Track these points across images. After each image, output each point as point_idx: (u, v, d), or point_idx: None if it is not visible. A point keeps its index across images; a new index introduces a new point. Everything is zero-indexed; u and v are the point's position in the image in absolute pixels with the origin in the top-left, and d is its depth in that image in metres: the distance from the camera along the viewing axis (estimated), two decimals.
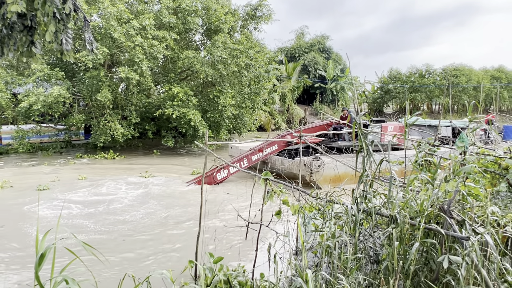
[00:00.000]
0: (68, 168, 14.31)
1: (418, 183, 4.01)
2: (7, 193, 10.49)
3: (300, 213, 3.87)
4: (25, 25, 3.09)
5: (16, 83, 16.51)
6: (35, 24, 3.10)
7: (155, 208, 9.17)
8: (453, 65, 46.43)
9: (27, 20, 3.05)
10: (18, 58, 3.35)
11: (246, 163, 11.86)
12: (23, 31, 3.09)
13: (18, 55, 3.23)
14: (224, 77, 18.21)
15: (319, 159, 10.90)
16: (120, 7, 15.82)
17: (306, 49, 42.44)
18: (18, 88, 16.85)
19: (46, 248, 1.76)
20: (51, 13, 2.93)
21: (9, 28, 2.99)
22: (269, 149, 12.43)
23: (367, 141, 3.50)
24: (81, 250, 2.43)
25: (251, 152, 12.09)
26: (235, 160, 11.86)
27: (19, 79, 16.52)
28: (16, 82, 16.47)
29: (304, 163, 10.99)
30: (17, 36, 3.08)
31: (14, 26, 3.02)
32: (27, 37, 3.13)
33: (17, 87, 16.73)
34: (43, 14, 2.97)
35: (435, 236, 3.07)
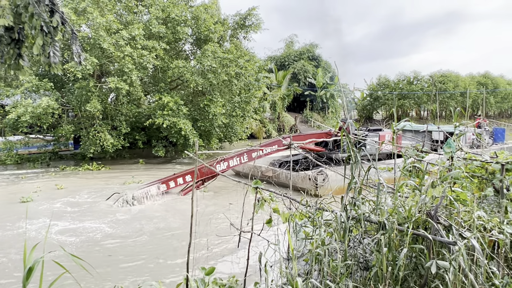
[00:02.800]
0: (52, 180, 14.13)
1: (407, 189, 4.05)
2: None
3: (290, 221, 3.88)
4: (13, 38, 3.08)
5: (4, 95, 16.35)
6: (23, 37, 3.10)
7: (141, 219, 9.10)
8: (440, 72, 47.16)
9: (15, 33, 3.05)
10: (6, 70, 3.34)
11: (246, 158, 11.83)
12: (11, 44, 3.09)
13: (5, 67, 3.23)
14: (214, 86, 18.26)
15: (323, 173, 10.98)
16: (109, 18, 15.83)
17: (296, 58, 42.76)
18: (5, 99, 16.68)
19: (34, 262, 1.75)
20: (38, 26, 2.94)
21: None
22: (269, 148, 12.45)
23: (355, 149, 3.54)
24: (69, 264, 2.42)
25: (252, 149, 12.12)
26: (235, 155, 11.85)
27: (7, 90, 16.37)
28: (4, 93, 16.31)
29: (308, 177, 11.09)
30: (4, 49, 3.07)
31: (1, 39, 3.02)
32: (14, 50, 3.12)
33: (4, 98, 16.56)
34: (30, 27, 2.97)
35: (423, 241, 3.10)
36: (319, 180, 10.97)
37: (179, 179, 11.10)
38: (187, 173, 11.34)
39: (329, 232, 3.63)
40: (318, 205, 3.96)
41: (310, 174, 11.15)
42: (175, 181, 11.08)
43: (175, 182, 11.08)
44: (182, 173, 11.34)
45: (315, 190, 10.87)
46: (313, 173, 11.09)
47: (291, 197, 4.63)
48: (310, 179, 11.06)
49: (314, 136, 13.95)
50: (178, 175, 11.24)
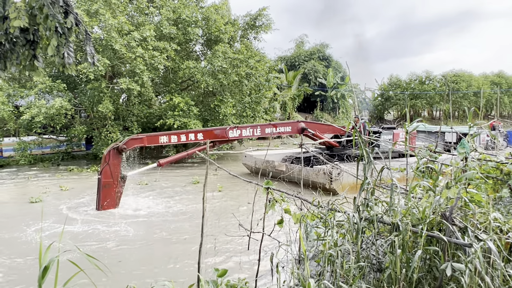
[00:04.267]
0: (60, 181, 14.28)
1: (420, 190, 4.00)
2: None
3: (302, 222, 3.86)
4: (28, 39, 3.13)
5: (18, 96, 16.61)
6: (38, 38, 3.15)
7: (152, 218, 9.16)
8: (453, 71, 46.58)
9: (30, 34, 3.10)
10: (21, 71, 3.39)
11: (258, 131, 11.82)
12: (26, 45, 3.14)
13: (20, 69, 3.27)
14: (224, 87, 18.30)
15: (338, 167, 10.99)
16: (121, 19, 15.97)
17: (306, 58, 42.64)
18: (20, 100, 16.95)
19: (49, 261, 1.77)
20: (53, 27, 2.98)
21: (12, 43, 3.03)
22: (283, 128, 12.42)
23: (368, 149, 3.50)
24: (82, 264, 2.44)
25: (266, 124, 12.12)
26: (249, 126, 11.87)
27: (21, 91, 16.63)
28: (18, 94, 16.57)
29: (323, 171, 11.09)
30: (19, 51, 3.12)
31: (16, 40, 3.07)
32: (29, 51, 3.17)
33: (19, 99, 16.83)
34: (45, 28, 3.01)
35: (438, 243, 3.05)
36: (333, 174, 10.94)
37: (191, 134, 10.91)
38: (200, 131, 11.25)
39: (342, 233, 3.60)
40: (330, 206, 3.93)
41: (325, 168, 11.12)
42: (186, 135, 10.89)
43: (186, 136, 10.87)
44: (195, 130, 11.32)
45: (329, 185, 10.86)
46: (328, 167, 11.08)
47: (302, 197, 4.61)
48: (325, 173, 11.04)
49: (329, 128, 13.87)
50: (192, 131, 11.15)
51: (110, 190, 9.54)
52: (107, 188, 9.48)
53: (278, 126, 12.30)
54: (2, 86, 16.81)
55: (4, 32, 2.95)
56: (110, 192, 9.57)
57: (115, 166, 9.53)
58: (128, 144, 9.63)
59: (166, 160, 10.79)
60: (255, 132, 11.72)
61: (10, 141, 18.65)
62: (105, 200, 9.51)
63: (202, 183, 13.08)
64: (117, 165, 9.60)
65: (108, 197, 9.58)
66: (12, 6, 2.83)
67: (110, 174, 9.44)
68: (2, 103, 15.62)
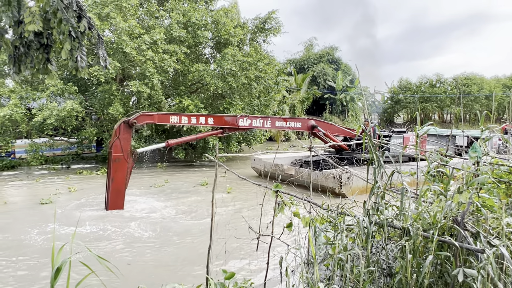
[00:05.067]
0: (70, 182, 14.42)
1: (431, 194, 3.96)
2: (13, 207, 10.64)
3: (311, 225, 3.85)
4: (42, 43, 3.18)
5: (31, 98, 16.84)
6: (51, 42, 3.20)
7: (159, 221, 9.20)
8: (464, 74, 46.10)
9: (43, 38, 3.15)
10: (34, 74, 3.44)
11: (269, 124, 11.85)
12: (39, 49, 3.19)
13: (34, 72, 3.33)
14: (234, 89, 18.35)
15: (348, 171, 10.94)
16: (131, 23, 16.14)
17: (315, 60, 42.59)
18: (32, 102, 17.19)
19: (61, 262, 1.79)
20: (66, 31, 3.02)
21: (26, 47, 3.09)
22: (293, 123, 12.42)
23: (378, 153, 3.48)
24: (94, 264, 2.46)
25: (277, 117, 12.12)
26: (259, 116, 11.91)
27: (33, 94, 16.86)
28: (30, 97, 16.80)
29: (333, 176, 11.04)
30: (33, 54, 3.17)
31: (31, 44, 3.12)
32: (43, 54, 3.22)
33: (31, 101, 17.07)
34: (59, 32, 3.06)
35: (449, 248, 3.02)
36: (343, 179, 10.88)
37: (202, 118, 10.94)
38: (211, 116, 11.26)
39: (351, 237, 3.58)
40: (339, 210, 3.91)
41: (334, 172, 11.07)
42: (197, 118, 10.90)
43: (197, 119, 10.89)
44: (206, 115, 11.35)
45: (339, 189, 10.80)
46: (338, 171, 11.02)
47: (312, 201, 4.59)
48: (335, 177, 10.98)
49: (339, 129, 13.82)
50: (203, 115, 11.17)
51: (120, 165, 9.48)
52: (117, 162, 9.44)
53: (288, 121, 12.31)
54: (15, 89, 17.07)
55: (19, 36, 3.01)
56: (121, 167, 9.51)
57: (125, 140, 9.50)
58: (138, 119, 9.65)
59: (174, 141, 11.02)
60: (265, 124, 11.72)
61: (22, 143, 18.92)
62: (115, 174, 9.43)
63: (210, 185, 13.13)
64: (127, 140, 9.57)
65: (119, 172, 9.50)
66: (27, 11, 2.88)
67: (121, 148, 9.41)
68: (15, 106, 15.85)
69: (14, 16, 2.86)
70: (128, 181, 9.86)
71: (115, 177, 9.45)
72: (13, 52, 3.08)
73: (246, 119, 11.39)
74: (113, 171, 9.43)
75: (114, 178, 9.45)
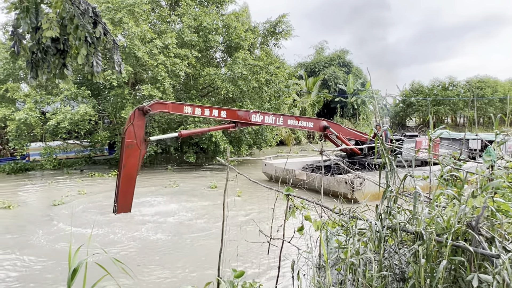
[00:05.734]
0: (82, 185, 14.60)
1: (444, 198, 3.92)
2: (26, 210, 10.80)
3: (322, 229, 3.84)
4: (58, 48, 3.26)
5: (45, 102, 17.14)
6: (67, 47, 3.27)
7: (173, 223, 9.25)
8: (477, 77, 45.48)
9: (60, 44, 3.23)
10: (50, 79, 3.52)
11: (281, 121, 11.80)
12: (56, 54, 3.27)
13: (51, 77, 3.40)
14: (244, 93, 18.42)
15: (360, 177, 10.82)
16: (143, 27, 16.33)
17: (326, 64, 42.49)
18: (46, 106, 17.49)
19: (78, 263, 1.82)
20: (83, 37, 3.09)
21: (43, 52, 3.17)
22: (305, 122, 12.39)
23: (390, 157, 3.47)
24: (107, 265, 2.49)
25: (289, 116, 12.11)
26: (272, 114, 11.88)
27: (48, 98, 17.15)
28: (45, 101, 17.10)
29: (345, 181, 10.94)
30: (50, 59, 3.25)
31: (48, 50, 3.20)
32: (59, 60, 3.30)
33: (45, 105, 17.36)
34: (75, 38, 3.13)
35: (464, 253, 2.99)
36: (355, 184, 10.77)
37: (215, 111, 10.89)
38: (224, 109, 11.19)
39: (363, 241, 3.56)
40: (351, 214, 3.90)
41: (347, 177, 10.97)
42: (210, 110, 10.83)
43: (210, 111, 10.82)
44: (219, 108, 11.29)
45: (351, 194, 10.69)
46: (350, 176, 10.91)
47: (323, 205, 4.58)
48: (347, 183, 10.88)
49: (351, 133, 13.72)
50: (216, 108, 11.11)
51: (133, 151, 9.48)
52: (130, 148, 9.44)
53: (301, 120, 12.25)
54: (30, 93, 17.39)
55: (37, 42, 3.09)
56: (134, 154, 9.52)
57: (139, 127, 9.51)
58: (153, 107, 9.67)
59: (187, 131, 11.19)
60: (277, 121, 11.71)
61: (36, 146, 19.26)
62: (127, 160, 9.45)
63: (220, 188, 13.15)
64: (141, 127, 9.57)
65: (131, 158, 9.50)
66: (44, 17, 2.96)
67: (134, 134, 9.43)
68: (29, 109, 16.14)
69: (32, 23, 2.94)
70: (139, 167, 9.87)
71: (127, 163, 9.47)
72: (31, 57, 3.16)
73: (258, 115, 11.38)
74: (125, 157, 9.45)
75: (126, 164, 9.47)
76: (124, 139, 9.41)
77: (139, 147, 9.55)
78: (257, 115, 11.34)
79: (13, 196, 12.55)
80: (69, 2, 2.95)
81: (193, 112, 10.54)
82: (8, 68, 18.33)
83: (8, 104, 17.63)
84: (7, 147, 21.26)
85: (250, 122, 11.33)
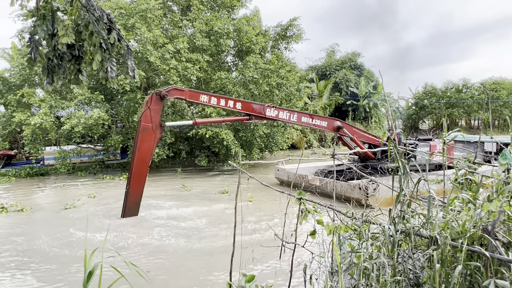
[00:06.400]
0: (94, 188, 14.76)
1: (459, 202, 3.87)
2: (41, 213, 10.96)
3: (335, 233, 3.81)
4: (73, 54, 3.32)
5: (59, 107, 17.43)
6: (82, 53, 3.34)
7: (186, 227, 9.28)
8: (492, 79, 44.76)
9: (75, 50, 3.29)
10: (65, 85, 3.59)
11: (295, 118, 11.83)
12: (71, 60, 3.33)
13: (66, 82, 3.47)
14: (256, 97, 18.45)
15: (374, 182, 10.69)
16: (155, 32, 16.52)
17: (337, 67, 42.35)
18: (61, 111, 17.79)
19: (93, 266, 1.85)
20: (97, 43, 3.15)
21: (59, 58, 3.24)
22: (319, 121, 12.38)
23: (404, 160, 3.44)
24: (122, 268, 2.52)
25: (303, 113, 12.11)
26: (286, 109, 11.90)
27: (62, 103, 17.45)
28: (59, 106, 17.39)
29: (359, 186, 10.83)
30: (66, 65, 3.32)
31: (63, 56, 3.27)
32: (75, 65, 3.36)
33: (60, 110, 17.66)
34: (89, 44, 3.19)
35: (479, 258, 2.94)
36: (370, 190, 10.63)
37: (230, 102, 10.95)
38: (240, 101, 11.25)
39: (377, 246, 3.53)
40: (364, 218, 3.87)
41: (361, 183, 10.86)
42: (226, 101, 10.88)
43: (225, 102, 10.86)
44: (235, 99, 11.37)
45: (365, 200, 10.56)
46: (364, 182, 10.79)
47: (335, 208, 4.56)
48: (361, 188, 10.75)
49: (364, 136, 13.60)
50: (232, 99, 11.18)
51: (148, 135, 9.55)
52: (146, 132, 9.52)
53: (315, 118, 12.23)
54: (45, 98, 17.71)
55: (53, 48, 3.16)
56: (149, 138, 9.59)
57: (155, 111, 9.62)
58: (170, 93, 9.76)
59: (202, 120, 11.51)
60: (292, 118, 11.73)
61: (51, 150, 19.58)
62: (141, 144, 9.52)
63: (231, 192, 13.15)
64: (157, 111, 9.68)
65: (146, 142, 9.58)
66: (60, 24, 3.02)
67: (150, 118, 9.53)
68: (44, 114, 16.43)
69: (48, 30, 3.01)
70: (153, 152, 9.93)
71: (141, 146, 9.55)
72: (47, 63, 3.23)
73: (273, 110, 11.41)
74: (140, 141, 9.52)
75: (140, 148, 9.55)
76: (140, 123, 9.50)
77: (154, 131, 9.63)
78: (271, 110, 11.37)
79: (27, 199, 12.78)
80: (84, 9, 3.02)
81: (209, 101, 10.59)
82: (24, 73, 18.72)
83: (24, 109, 17.97)
84: (23, 151, 21.65)
85: (265, 116, 11.35)
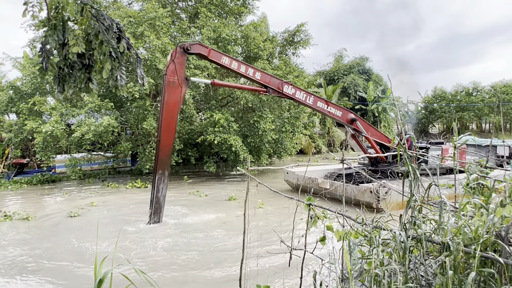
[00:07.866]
0: (101, 196, 14.86)
1: (471, 207, 3.81)
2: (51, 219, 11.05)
3: (345, 239, 3.78)
4: (84, 63, 3.37)
5: (70, 115, 17.65)
6: (92, 62, 3.39)
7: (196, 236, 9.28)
8: (502, 82, 44.26)
9: (86, 59, 3.34)
10: (76, 93, 3.64)
11: (311, 101, 11.83)
12: (82, 69, 3.39)
13: (76, 90, 3.52)
14: (264, 102, 18.48)
15: (385, 186, 10.60)
16: (164, 40, 16.68)
17: (345, 72, 42.31)
18: (71, 119, 18.01)
19: (104, 274, 1.86)
20: (107, 52, 3.20)
21: (70, 67, 3.29)
22: (333, 109, 12.39)
23: (414, 165, 3.40)
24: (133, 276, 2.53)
25: (320, 98, 12.11)
26: (303, 90, 11.91)
27: (73, 110, 17.66)
28: (70, 113, 17.60)
29: (370, 190, 10.73)
30: (76, 74, 3.37)
31: (74, 65, 3.32)
32: (85, 74, 3.41)
33: (70, 118, 17.88)
34: (99, 53, 3.24)
35: (493, 265, 2.89)
36: (381, 193, 10.51)
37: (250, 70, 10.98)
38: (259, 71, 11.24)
39: (388, 252, 3.49)
40: (374, 223, 3.83)
41: (372, 187, 10.76)
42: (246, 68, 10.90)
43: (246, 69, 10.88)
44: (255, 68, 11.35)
45: (376, 204, 10.44)
46: (375, 185, 10.67)
47: (345, 214, 4.52)
48: (372, 192, 10.63)
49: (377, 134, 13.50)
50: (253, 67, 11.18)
51: (174, 88, 9.57)
52: (172, 86, 9.54)
53: (330, 106, 12.22)
54: (56, 106, 17.95)
55: (63, 57, 3.21)
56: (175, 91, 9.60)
57: (180, 64, 9.64)
58: (193, 47, 9.81)
59: (220, 82, 11.71)
60: (308, 100, 11.74)
61: (62, 158, 19.80)
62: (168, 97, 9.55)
63: (239, 199, 13.12)
64: (181, 64, 9.70)
65: (172, 95, 9.61)
66: (71, 34, 3.08)
67: (175, 71, 9.56)
68: (55, 122, 16.64)
69: (59, 39, 3.06)
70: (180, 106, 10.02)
71: (168, 100, 9.58)
72: (58, 72, 3.28)
73: (291, 87, 11.43)
74: (167, 95, 9.55)
75: (168, 102, 9.57)
76: (166, 77, 9.54)
77: (180, 85, 9.67)
78: (289, 87, 11.41)
79: (34, 207, 12.88)
80: (94, 19, 3.06)
81: (230, 64, 10.62)
82: (35, 82, 19.01)
83: (35, 117, 18.23)
84: (34, 159, 21.93)
85: (282, 92, 11.37)
